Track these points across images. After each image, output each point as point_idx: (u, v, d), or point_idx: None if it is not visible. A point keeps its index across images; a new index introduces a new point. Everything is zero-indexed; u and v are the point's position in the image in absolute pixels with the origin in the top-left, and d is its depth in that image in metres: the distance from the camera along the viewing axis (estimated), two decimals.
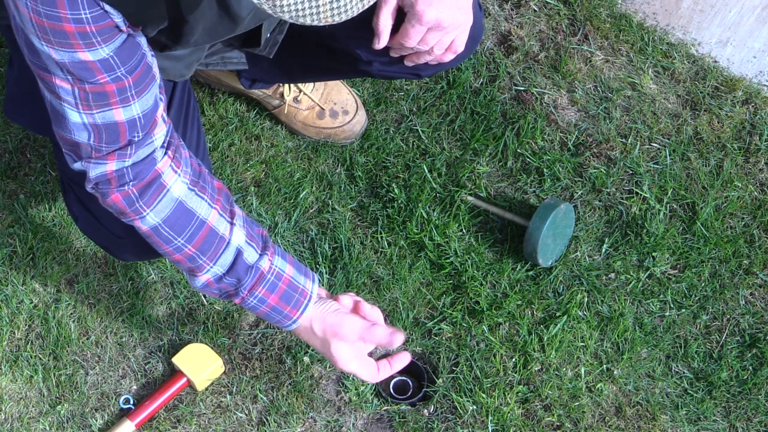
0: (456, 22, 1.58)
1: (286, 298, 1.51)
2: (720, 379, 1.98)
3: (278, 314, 1.52)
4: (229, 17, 1.44)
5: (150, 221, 1.43)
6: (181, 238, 1.45)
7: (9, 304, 2.00)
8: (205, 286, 1.50)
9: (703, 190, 2.14)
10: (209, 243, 1.46)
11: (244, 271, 1.47)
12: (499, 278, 2.03)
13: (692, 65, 2.26)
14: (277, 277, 1.50)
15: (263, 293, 1.49)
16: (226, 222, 1.47)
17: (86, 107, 1.31)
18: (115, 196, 1.41)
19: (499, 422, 1.91)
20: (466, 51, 1.70)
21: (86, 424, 1.92)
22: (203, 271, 1.47)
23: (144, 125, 1.36)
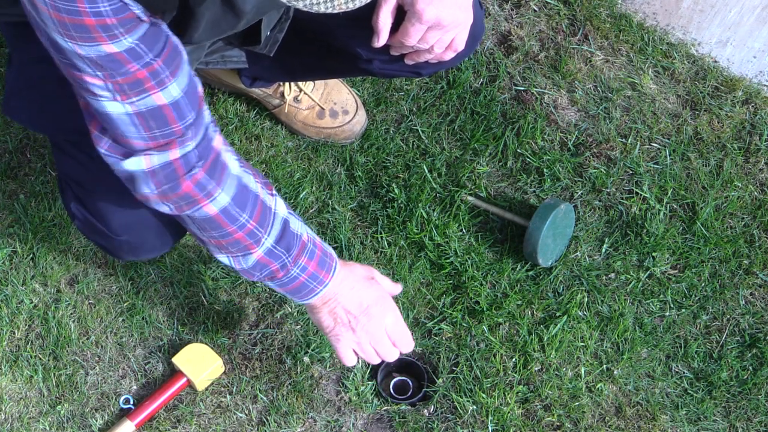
0: (456, 20, 1.58)
1: (322, 263, 1.54)
2: (720, 379, 1.98)
3: (313, 281, 1.54)
4: (233, 12, 1.43)
5: (221, 201, 1.42)
6: (245, 214, 1.45)
7: (9, 304, 2.00)
8: (255, 264, 1.50)
9: (703, 190, 2.14)
10: (264, 215, 1.47)
11: (291, 240, 1.49)
12: (499, 278, 2.03)
13: (692, 65, 2.26)
14: (314, 244, 1.53)
15: (305, 261, 1.52)
16: (269, 194, 1.49)
17: (124, 96, 1.28)
18: (186, 184, 1.38)
19: (499, 422, 1.91)
20: (467, 49, 1.70)
21: (86, 424, 1.92)
22: (260, 244, 1.47)
23: (192, 105, 1.34)
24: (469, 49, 1.72)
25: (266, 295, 2.01)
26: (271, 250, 1.48)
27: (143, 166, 1.36)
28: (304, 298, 1.56)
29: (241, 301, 2.01)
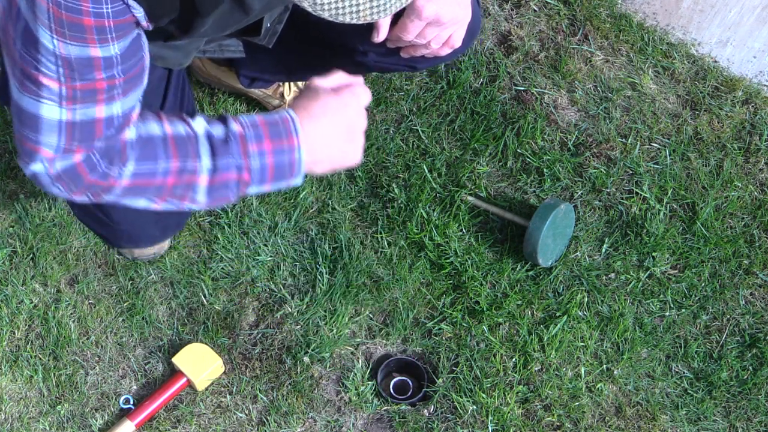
0: (455, 17, 1.59)
1: (276, 134, 1.39)
2: (720, 379, 1.98)
3: (282, 155, 1.39)
4: (242, 9, 1.43)
5: (126, 173, 1.35)
6: (160, 162, 1.36)
7: (9, 304, 2.00)
8: (210, 189, 1.39)
9: (703, 190, 2.14)
10: (183, 146, 1.37)
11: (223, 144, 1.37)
12: (499, 278, 2.03)
13: (692, 65, 2.26)
14: (254, 126, 1.38)
15: (256, 147, 1.38)
16: (180, 121, 1.39)
17: (70, 103, 1.27)
18: (88, 180, 1.35)
19: (499, 422, 1.91)
20: (463, 46, 1.70)
21: (86, 424, 1.92)
22: (198, 172, 1.37)
23: (120, 125, 1.33)
24: (466, 45, 1.72)
25: (266, 295, 2.02)
26: (214, 167, 1.37)
27: (48, 170, 1.34)
28: (296, 175, 1.42)
29: (241, 301, 2.01)
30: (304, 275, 2.03)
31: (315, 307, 1.99)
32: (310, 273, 2.03)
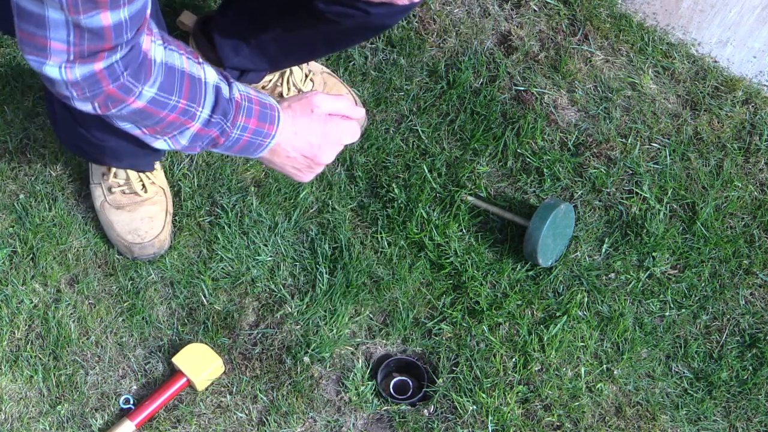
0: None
1: (263, 117, 1.49)
2: (720, 379, 1.98)
3: (259, 137, 1.49)
4: None
5: (146, 95, 1.37)
6: (174, 97, 1.40)
7: (9, 304, 2.00)
8: (194, 137, 1.45)
9: (703, 190, 2.14)
10: (194, 89, 1.42)
11: (227, 105, 1.44)
12: (499, 278, 2.03)
13: (692, 65, 2.26)
14: (249, 101, 1.47)
15: (244, 120, 1.47)
16: (196, 63, 1.43)
17: (74, 12, 1.21)
18: (110, 89, 1.33)
19: (499, 422, 1.91)
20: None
21: (86, 424, 1.92)
22: (195, 119, 1.43)
23: (133, 27, 1.28)
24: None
25: (266, 295, 2.02)
26: (208, 120, 1.44)
27: (65, 76, 1.30)
28: (254, 153, 1.52)
29: (241, 301, 2.01)
30: (304, 275, 2.03)
31: (315, 307, 1.99)
32: (310, 273, 2.03)
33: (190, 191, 2.08)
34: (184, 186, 2.08)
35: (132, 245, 1.99)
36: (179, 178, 2.09)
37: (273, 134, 1.50)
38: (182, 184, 2.08)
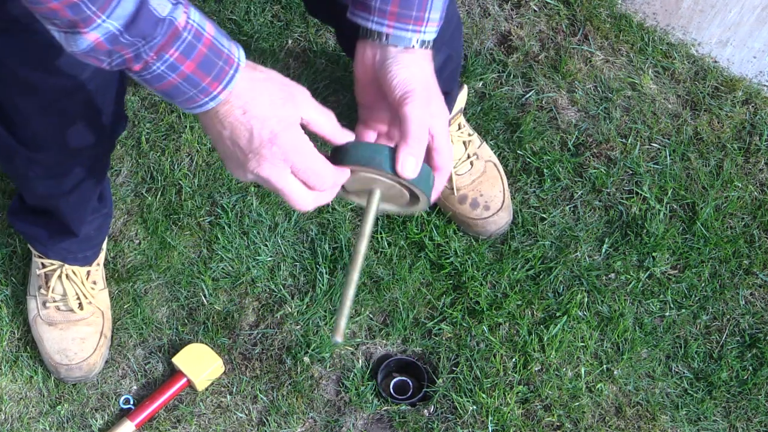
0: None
1: (206, 66, 1.09)
2: (720, 379, 1.98)
3: (192, 87, 1.09)
4: None
5: None
6: None
7: (9, 304, 2.00)
8: (92, 49, 1.05)
9: (703, 190, 2.14)
10: None
11: (151, 26, 1.04)
12: (499, 278, 2.03)
13: (692, 65, 2.26)
14: (196, 37, 1.08)
15: (176, 57, 1.07)
16: None
17: None
18: None
19: (499, 422, 1.91)
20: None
21: (86, 424, 1.92)
22: (91, 26, 1.03)
23: None
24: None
25: (266, 295, 2.02)
26: (115, 36, 1.04)
27: None
28: (184, 106, 1.12)
29: (241, 301, 2.01)
30: (304, 275, 2.03)
31: (315, 307, 1.99)
32: (310, 273, 2.03)
33: (190, 191, 2.08)
34: (184, 186, 2.08)
35: (59, 366, 1.91)
36: (179, 178, 2.09)
37: (215, 95, 1.10)
38: (182, 183, 2.08)
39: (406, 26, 1.18)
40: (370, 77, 1.22)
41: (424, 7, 1.17)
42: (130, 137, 2.14)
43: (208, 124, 1.14)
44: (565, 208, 2.11)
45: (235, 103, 1.11)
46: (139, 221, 2.07)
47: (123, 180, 2.10)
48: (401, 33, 1.18)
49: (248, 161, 1.12)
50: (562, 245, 2.07)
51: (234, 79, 1.10)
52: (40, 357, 1.95)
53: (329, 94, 2.18)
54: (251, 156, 1.12)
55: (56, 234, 1.85)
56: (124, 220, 2.07)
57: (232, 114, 1.11)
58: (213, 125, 1.13)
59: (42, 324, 1.93)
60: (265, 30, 2.22)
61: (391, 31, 1.18)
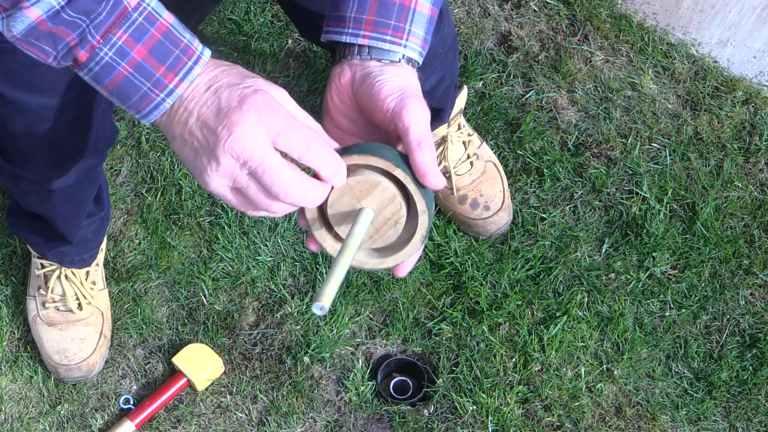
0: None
1: (160, 52, 0.95)
2: (720, 379, 1.98)
3: (145, 79, 0.95)
4: None
5: None
6: None
7: (9, 304, 2.00)
8: (32, 29, 0.93)
9: (703, 190, 2.14)
10: None
11: (96, 1, 0.93)
12: (499, 278, 2.03)
13: (692, 65, 2.26)
14: (149, 20, 0.95)
15: (125, 40, 0.94)
16: None
17: None
18: None
19: (499, 422, 1.91)
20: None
21: (86, 424, 1.92)
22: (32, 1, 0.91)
23: None
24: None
25: (266, 295, 2.02)
26: (57, 11, 0.92)
27: None
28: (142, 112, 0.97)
29: (241, 301, 2.01)
30: (304, 275, 2.03)
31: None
32: (310, 273, 2.03)
33: (191, 191, 2.08)
34: (184, 186, 2.08)
35: (58, 366, 1.92)
36: (179, 178, 2.09)
37: (171, 88, 0.96)
38: (183, 183, 2.08)
39: (383, 36, 1.05)
40: (346, 100, 1.07)
41: (405, 17, 1.06)
42: (130, 137, 2.14)
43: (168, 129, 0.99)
44: (565, 208, 2.11)
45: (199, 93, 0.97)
46: (139, 221, 2.07)
47: (123, 180, 2.10)
48: (379, 44, 1.05)
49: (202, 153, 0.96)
50: (562, 245, 2.07)
51: (193, 72, 0.96)
52: (40, 357, 1.95)
53: None
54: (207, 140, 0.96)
55: (51, 239, 1.84)
56: (124, 220, 2.07)
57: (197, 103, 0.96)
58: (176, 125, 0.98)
59: (41, 324, 1.94)
60: (265, 30, 2.22)
61: (366, 42, 1.05)
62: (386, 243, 1.05)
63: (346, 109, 1.07)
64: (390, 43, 1.05)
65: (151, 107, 0.97)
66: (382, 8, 1.05)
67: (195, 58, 0.97)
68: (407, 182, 1.00)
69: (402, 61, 1.05)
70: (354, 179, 1.00)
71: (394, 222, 1.03)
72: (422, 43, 1.07)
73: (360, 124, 1.07)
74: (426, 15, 1.07)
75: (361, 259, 1.06)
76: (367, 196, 1.01)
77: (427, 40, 1.08)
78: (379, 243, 1.05)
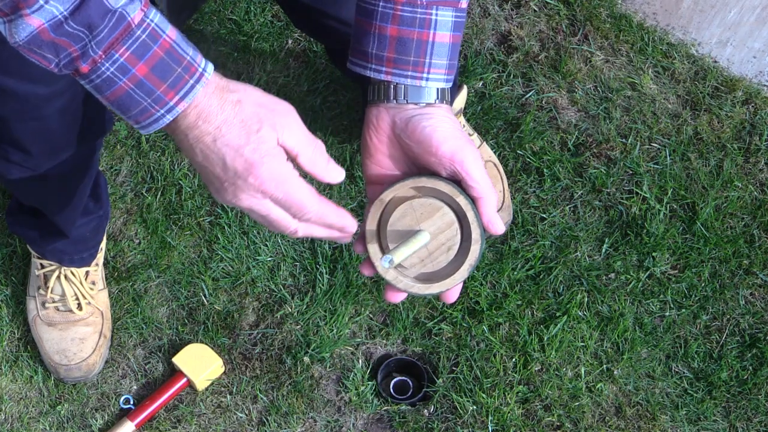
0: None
1: (162, 70, 0.96)
2: (720, 379, 1.98)
3: (146, 96, 0.97)
4: None
5: None
6: None
7: (9, 304, 2.00)
8: (34, 37, 0.93)
9: (703, 190, 2.14)
10: None
11: (99, 15, 0.93)
12: (499, 278, 2.03)
13: (692, 65, 2.26)
14: (152, 37, 0.96)
15: (127, 57, 0.95)
16: None
17: None
18: None
19: (499, 422, 1.91)
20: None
21: (86, 424, 1.92)
22: (34, 6, 0.92)
23: None
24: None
25: (266, 295, 2.01)
26: (60, 22, 0.92)
27: None
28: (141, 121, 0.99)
29: (241, 301, 2.01)
30: (304, 275, 2.03)
31: (315, 307, 1.99)
32: (310, 273, 2.03)
33: (191, 191, 2.08)
34: (184, 186, 2.08)
35: (58, 366, 1.92)
36: (179, 178, 2.09)
37: (171, 105, 0.97)
38: (183, 183, 2.08)
39: (405, 72, 1.08)
40: (386, 141, 1.10)
41: (424, 52, 1.09)
42: (130, 137, 2.14)
43: (181, 147, 1.02)
44: (565, 208, 2.11)
45: (204, 129, 0.98)
46: (139, 221, 2.07)
47: (123, 180, 2.10)
48: (402, 80, 1.08)
49: (225, 191, 1.01)
50: (562, 245, 2.07)
51: (194, 90, 0.97)
52: (40, 357, 1.95)
53: (329, 94, 2.18)
54: (228, 186, 1.00)
55: (47, 235, 1.85)
56: (123, 220, 2.07)
57: (202, 140, 0.99)
58: (186, 149, 1.01)
59: (41, 324, 1.94)
60: (265, 30, 2.22)
61: (390, 78, 1.08)
62: (435, 269, 1.09)
63: (387, 150, 1.10)
64: (412, 78, 1.08)
65: (150, 121, 0.98)
66: (400, 46, 1.08)
67: (197, 76, 0.97)
68: (467, 210, 1.05)
69: (437, 101, 1.09)
70: (418, 201, 1.06)
71: (447, 248, 1.08)
72: (446, 71, 1.10)
73: (402, 162, 1.10)
74: (447, 44, 1.09)
75: (408, 283, 1.09)
76: (427, 219, 1.07)
77: (452, 65, 1.11)
78: (429, 267, 1.09)
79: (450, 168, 1.06)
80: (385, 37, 1.08)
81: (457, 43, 1.11)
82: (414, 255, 1.07)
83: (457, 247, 1.08)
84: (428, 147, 1.06)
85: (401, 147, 1.09)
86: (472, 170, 1.06)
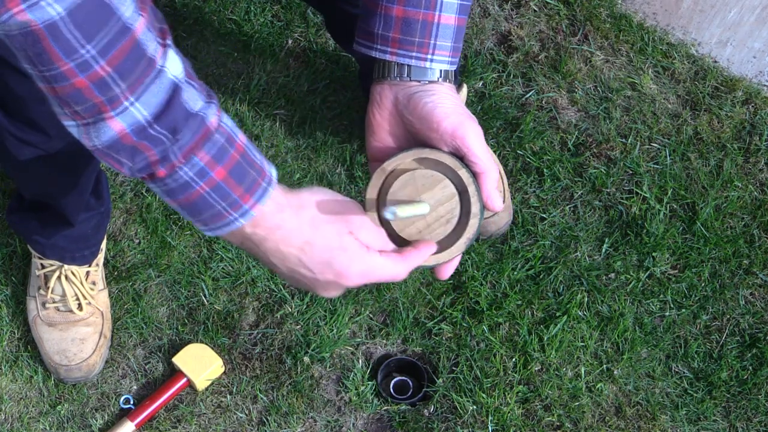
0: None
1: (239, 174, 0.96)
2: (720, 379, 1.98)
3: (221, 199, 0.97)
4: None
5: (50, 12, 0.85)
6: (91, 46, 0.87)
7: (9, 304, 2.00)
8: (116, 143, 0.92)
9: (703, 190, 2.14)
10: (133, 61, 0.90)
11: (181, 118, 0.93)
12: (499, 278, 2.03)
13: (692, 65, 2.26)
14: (229, 141, 0.96)
15: (207, 161, 0.94)
16: (155, 41, 0.91)
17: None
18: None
19: (499, 422, 1.91)
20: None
21: (86, 424, 1.92)
22: (118, 108, 0.90)
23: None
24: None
25: (266, 295, 2.01)
26: (143, 126, 0.92)
27: None
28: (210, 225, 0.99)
29: (241, 301, 2.01)
30: None
31: (315, 307, 1.99)
32: None
33: None
34: None
35: (58, 366, 1.92)
36: None
37: (246, 209, 0.97)
38: None
39: (410, 52, 1.09)
40: (389, 118, 1.11)
41: (429, 33, 1.09)
42: None
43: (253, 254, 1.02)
44: (565, 208, 2.11)
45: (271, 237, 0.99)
46: (138, 221, 2.07)
47: (123, 179, 2.10)
48: (406, 61, 1.09)
49: (315, 288, 1.04)
50: (562, 245, 2.07)
51: (267, 194, 0.98)
52: (40, 357, 1.95)
53: (329, 94, 2.18)
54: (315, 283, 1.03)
55: (50, 226, 1.84)
56: (123, 220, 2.07)
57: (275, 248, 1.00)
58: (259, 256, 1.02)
59: (41, 324, 1.94)
60: (265, 30, 2.22)
61: (394, 58, 1.09)
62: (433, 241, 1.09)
63: (389, 127, 1.11)
64: (417, 59, 1.09)
65: (221, 224, 0.98)
66: (405, 26, 1.09)
67: (268, 179, 0.99)
68: (469, 184, 1.06)
69: (440, 80, 1.10)
70: (420, 173, 1.06)
71: (446, 221, 1.08)
72: (450, 53, 1.11)
73: (404, 139, 1.11)
74: (452, 26, 1.10)
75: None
76: (428, 191, 1.07)
77: (456, 48, 1.12)
78: (427, 239, 1.09)
79: (451, 144, 1.07)
80: (391, 17, 1.09)
81: (462, 26, 1.11)
82: (412, 226, 1.07)
83: (456, 221, 1.08)
84: (430, 123, 1.07)
85: (404, 124, 1.10)
86: (473, 146, 1.07)
